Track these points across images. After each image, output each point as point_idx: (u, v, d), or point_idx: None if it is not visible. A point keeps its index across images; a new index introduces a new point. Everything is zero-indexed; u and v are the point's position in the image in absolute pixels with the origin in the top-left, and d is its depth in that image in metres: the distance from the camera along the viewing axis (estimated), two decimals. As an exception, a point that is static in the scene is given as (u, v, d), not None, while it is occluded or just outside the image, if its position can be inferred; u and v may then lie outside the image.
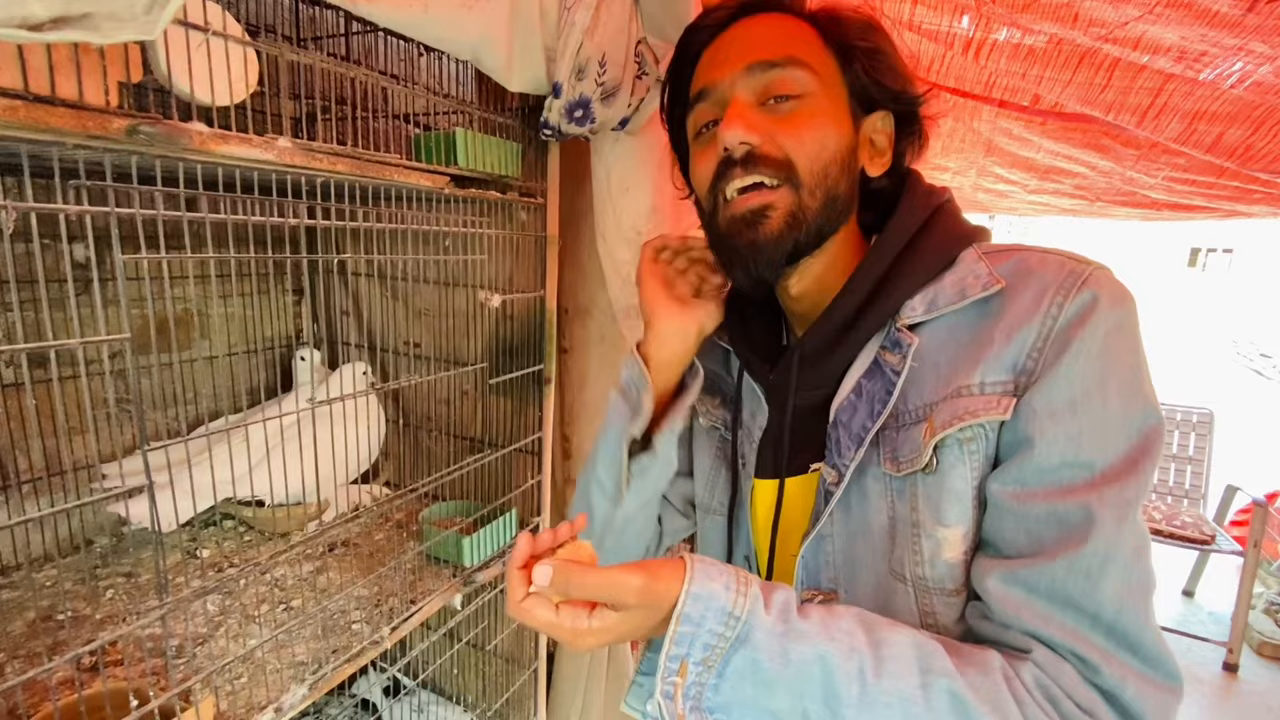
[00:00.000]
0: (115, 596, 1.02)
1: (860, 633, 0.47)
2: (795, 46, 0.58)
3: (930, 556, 0.53)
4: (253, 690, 0.82)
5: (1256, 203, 1.69)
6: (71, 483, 1.12)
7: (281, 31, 1.26)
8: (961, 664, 0.46)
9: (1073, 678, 0.46)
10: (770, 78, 0.57)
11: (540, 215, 1.20)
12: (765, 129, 0.56)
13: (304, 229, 0.78)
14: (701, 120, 0.62)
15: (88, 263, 1.09)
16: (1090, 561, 0.46)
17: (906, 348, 0.55)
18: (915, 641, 0.47)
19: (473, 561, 1.15)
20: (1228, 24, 0.97)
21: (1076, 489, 0.47)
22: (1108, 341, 0.48)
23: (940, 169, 2.23)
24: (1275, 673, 2.55)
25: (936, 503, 0.53)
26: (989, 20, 1.30)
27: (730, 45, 0.60)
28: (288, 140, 0.69)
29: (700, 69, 0.62)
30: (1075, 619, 0.46)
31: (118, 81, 0.57)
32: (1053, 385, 0.49)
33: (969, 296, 0.54)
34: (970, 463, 0.51)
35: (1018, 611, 0.48)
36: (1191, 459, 3.01)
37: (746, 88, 0.58)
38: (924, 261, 0.57)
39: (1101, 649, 0.46)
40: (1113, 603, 0.46)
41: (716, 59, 0.61)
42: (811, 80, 0.57)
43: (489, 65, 0.91)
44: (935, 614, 0.54)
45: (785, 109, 0.57)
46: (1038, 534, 0.48)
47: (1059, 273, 0.51)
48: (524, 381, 1.25)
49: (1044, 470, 0.48)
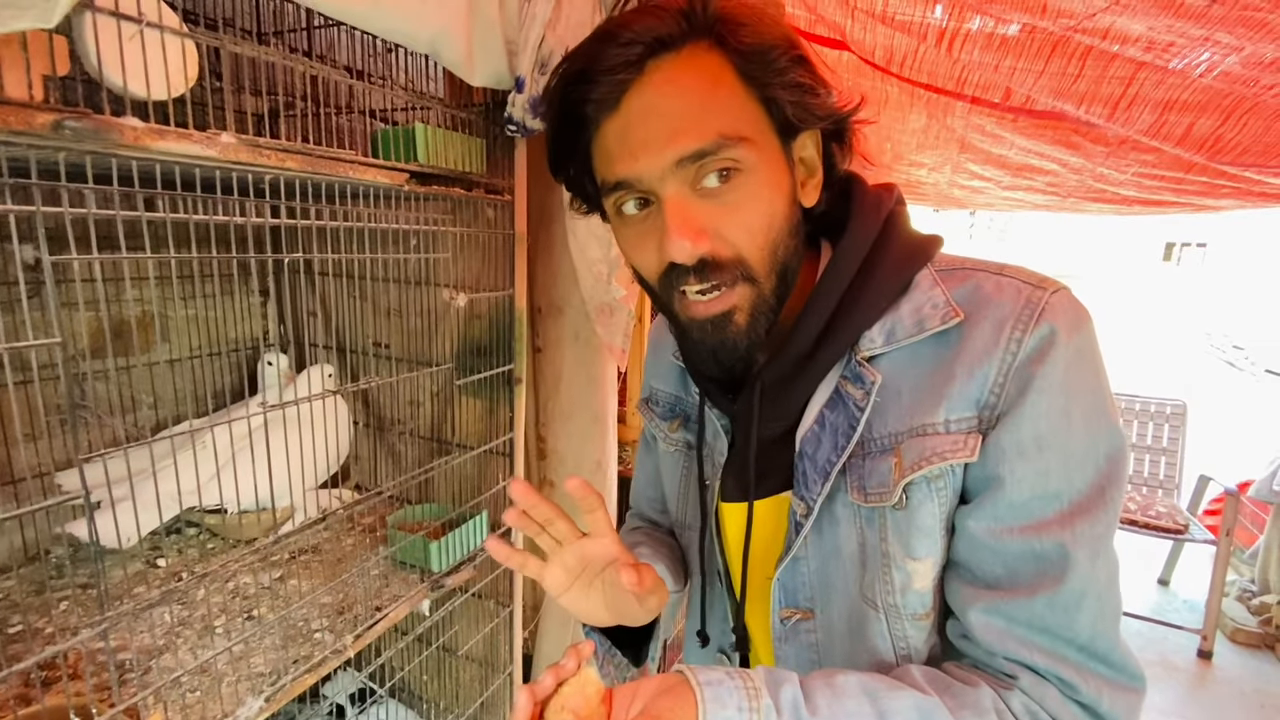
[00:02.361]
0: (69, 609, 0.99)
1: (867, 709, 0.48)
2: (723, 116, 0.50)
3: (901, 587, 0.54)
4: (206, 704, 0.79)
5: (1224, 196, 1.71)
6: (25, 491, 1.08)
7: (241, 25, 1.23)
8: (958, 709, 0.48)
9: (1056, 698, 0.48)
10: (703, 165, 0.50)
11: (508, 212, 1.17)
12: (711, 229, 0.51)
13: (257, 228, 0.75)
14: (623, 202, 0.55)
15: (37, 265, 1.05)
16: (1068, 599, 0.48)
17: (870, 384, 0.54)
18: (917, 704, 0.48)
19: (441, 566, 1.13)
20: (1193, 15, 0.97)
21: (1049, 523, 0.49)
22: (1068, 373, 0.49)
23: (916, 165, 2.24)
24: (1248, 659, 2.60)
25: (906, 537, 0.54)
26: (962, 9, 1.30)
27: (642, 124, 0.50)
28: (231, 136, 0.67)
29: (610, 150, 0.53)
30: (1054, 644, 0.49)
31: (42, 75, 0.54)
32: (1019, 423, 0.49)
33: (927, 329, 0.53)
34: (938, 499, 0.52)
35: (1001, 642, 0.50)
36: (1165, 450, 3.05)
37: (678, 180, 0.50)
38: (880, 289, 0.55)
39: (1078, 667, 0.49)
40: (1088, 630, 0.49)
41: (631, 143, 0.51)
42: (748, 153, 0.50)
43: (448, 59, 0.89)
44: (907, 638, 0.56)
45: (726, 194, 0.51)
46: (1014, 568, 0.50)
47: (1016, 301, 0.51)
48: (494, 381, 1.23)
49: (1016, 506, 0.50)
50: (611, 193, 0.54)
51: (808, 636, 0.61)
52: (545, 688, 0.48)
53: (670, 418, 0.75)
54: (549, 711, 0.47)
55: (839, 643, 0.59)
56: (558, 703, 0.47)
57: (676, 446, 0.74)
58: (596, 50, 0.51)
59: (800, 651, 0.62)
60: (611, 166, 0.53)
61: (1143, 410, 3.13)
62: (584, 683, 0.48)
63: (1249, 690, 2.42)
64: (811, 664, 0.61)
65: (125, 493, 1.00)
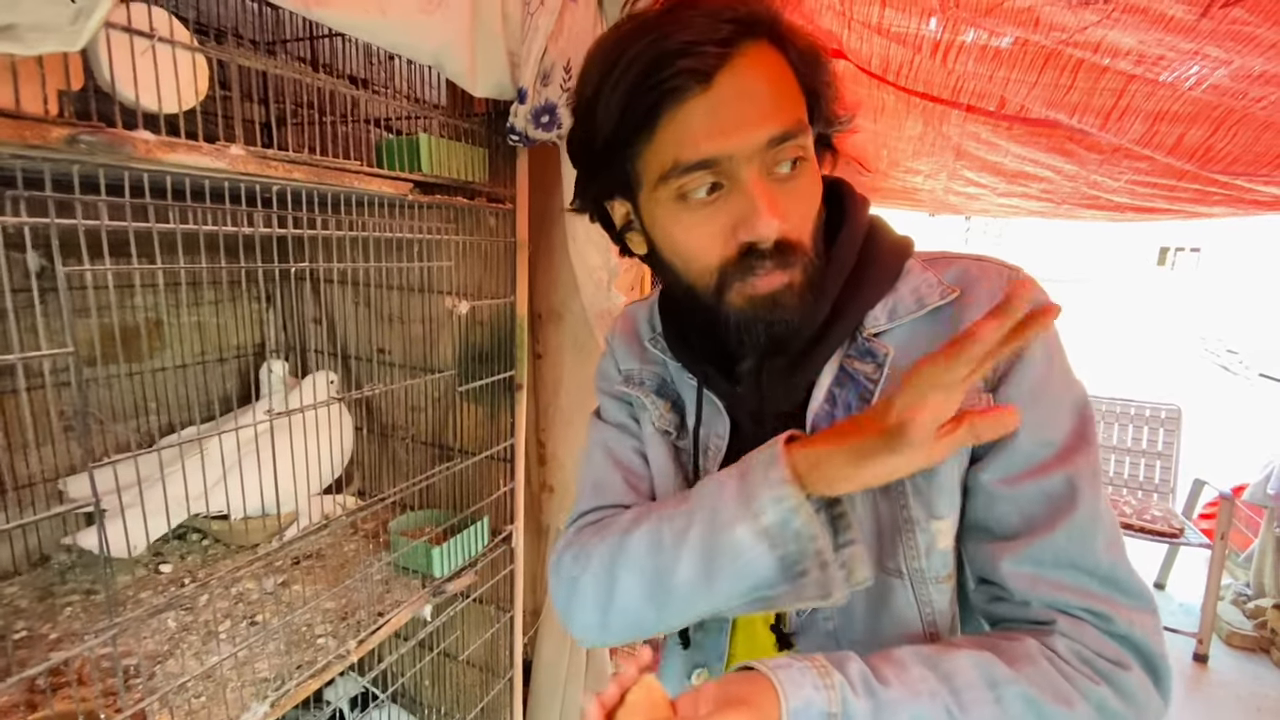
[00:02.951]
0: (74, 614, 1.00)
1: (930, 675, 0.50)
2: (796, 105, 0.54)
3: (926, 549, 0.57)
4: (211, 709, 0.80)
5: (1216, 204, 1.73)
6: (29, 497, 1.09)
7: (247, 35, 1.24)
8: (1012, 660, 0.51)
9: (1094, 635, 0.52)
10: (783, 149, 0.52)
11: (509, 220, 1.19)
12: (789, 213, 0.54)
13: (261, 237, 0.76)
14: (695, 185, 0.54)
15: (43, 272, 1.06)
16: (1084, 526, 0.53)
17: (882, 357, 0.58)
18: (973, 660, 0.51)
19: (443, 572, 1.14)
20: (1182, 29, 0.99)
21: (1050, 464, 0.54)
22: (1046, 336, 0.55)
23: (912, 171, 2.26)
24: (1244, 662, 2.61)
25: (929, 498, 0.57)
26: (955, 22, 1.32)
27: (737, 103, 0.51)
28: (240, 148, 0.68)
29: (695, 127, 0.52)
30: (1079, 579, 0.53)
31: (57, 89, 0.55)
32: (1018, 379, 0.55)
33: (927, 305, 0.58)
34: (955, 458, 0.56)
35: (1034, 587, 0.54)
36: (1160, 454, 3.06)
37: (762, 162, 0.52)
38: (880, 274, 0.60)
39: (1107, 599, 0.53)
40: (1106, 556, 0.53)
41: (723, 120, 0.51)
42: (809, 142, 0.55)
43: (452, 70, 0.90)
44: (932, 602, 0.58)
45: (792, 180, 0.54)
46: (1030, 512, 0.54)
47: (1000, 279, 0.58)
48: (495, 388, 1.24)
49: (1023, 454, 0.55)
50: (683, 175, 0.53)
51: (825, 625, 0.61)
52: (611, 696, 0.49)
53: (661, 397, 0.72)
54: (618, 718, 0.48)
55: (859, 624, 0.60)
56: (626, 711, 0.48)
57: (665, 425, 0.71)
58: (682, 18, 0.51)
59: (817, 641, 0.62)
60: (696, 144, 0.52)
61: (1138, 414, 3.14)
62: (648, 689, 0.48)
63: (1244, 694, 2.43)
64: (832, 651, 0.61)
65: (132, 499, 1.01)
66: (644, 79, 0.51)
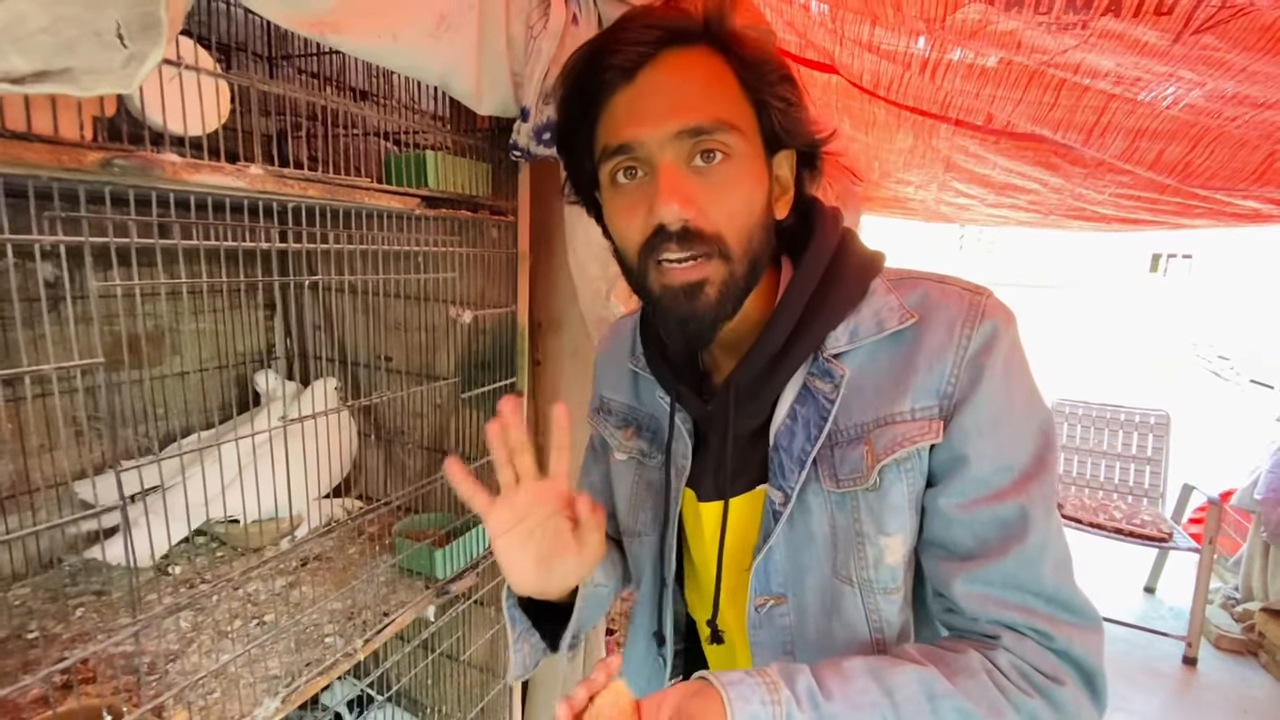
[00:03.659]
0: (85, 614, 1.02)
1: (874, 687, 0.53)
2: (722, 105, 0.56)
3: (875, 561, 0.60)
4: (225, 704, 0.83)
5: (1198, 216, 1.78)
6: (41, 501, 1.12)
7: (255, 50, 1.28)
8: (952, 674, 0.54)
9: (1034, 649, 0.55)
10: (699, 142, 0.55)
11: (511, 232, 1.22)
12: (699, 201, 0.56)
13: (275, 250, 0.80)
14: (619, 169, 0.59)
15: (57, 281, 1.09)
16: (1032, 553, 0.55)
17: (839, 378, 0.61)
18: (917, 675, 0.54)
19: (446, 573, 1.17)
20: (1157, 53, 1.04)
21: (1006, 491, 0.56)
22: (1008, 361, 0.57)
23: (904, 182, 2.31)
24: (1232, 665, 2.64)
25: (879, 515, 0.60)
26: (942, 42, 1.36)
27: (653, 96, 0.56)
28: (259, 167, 0.72)
29: (618, 116, 0.57)
30: (1025, 599, 0.56)
31: (92, 116, 0.59)
32: (976, 406, 0.56)
33: (887, 329, 0.60)
34: (907, 480, 0.59)
35: (983, 606, 0.56)
36: (1150, 459, 3.11)
37: (675, 150, 0.55)
38: (842, 294, 0.62)
39: (1048, 616, 0.55)
40: (1051, 579, 0.56)
41: (637, 111, 0.56)
42: (738, 142, 0.56)
43: (458, 91, 0.94)
44: (880, 610, 0.61)
45: (713, 173, 0.56)
46: (984, 535, 0.57)
47: (960, 304, 0.59)
48: (496, 395, 1.27)
49: (980, 480, 0.57)
50: (610, 158, 0.58)
51: (781, 620, 0.65)
52: (579, 700, 0.52)
53: (624, 426, 0.78)
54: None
55: (813, 623, 0.64)
56: (592, 714, 0.51)
57: (630, 454, 0.77)
58: (620, 27, 0.58)
59: (775, 635, 0.66)
60: (617, 131, 0.57)
61: (1127, 420, 3.19)
62: (616, 694, 0.52)
63: (1233, 696, 2.46)
64: (785, 646, 0.65)
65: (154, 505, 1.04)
66: (582, 77, 0.59)
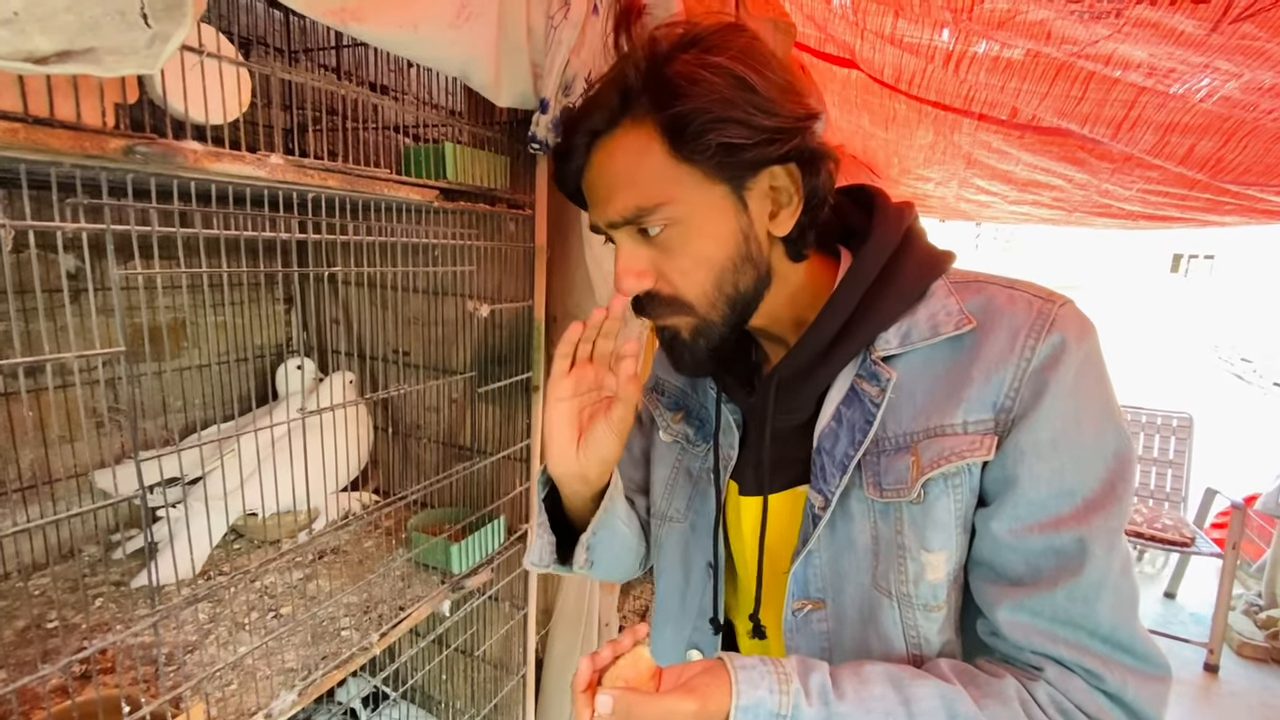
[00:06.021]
0: (104, 605, 1.03)
1: (892, 695, 0.51)
2: (649, 185, 0.56)
3: (915, 577, 0.57)
4: (243, 696, 0.83)
5: (1228, 213, 1.74)
6: (62, 491, 1.13)
7: (274, 44, 1.28)
8: (982, 698, 0.51)
9: (1081, 688, 0.51)
10: (638, 223, 0.58)
11: (528, 226, 1.21)
12: (655, 268, 0.59)
13: (295, 241, 0.79)
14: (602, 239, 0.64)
15: (78, 273, 1.10)
16: (1087, 590, 0.51)
17: (885, 381, 0.58)
18: (940, 691, 0.51)
19: (461, 568, 1.16)
20: (1193, 43, 1.01)
21: (1065, 519, 0.52)
22: (1078, 379, 0.52)
23: (923, 179, 2.28)
24: (1254, 673, 2.60)
25: (922, 530, 0.56)
26: (968, 34, 1.34)
27: (594, 188, 0.60)
28: (279, 157, 0.71)
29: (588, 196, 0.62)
30: (1078, 636, 0.52)
31: (114, 102, 0.58)
32: (1035, 425, 0.52)
33: (941, 334, 0.56)
34: (954, 495, 0.55)
35: (1027, 636, 0.53)
36: (1172, 463, 3.06)
37: (625, 229, 0.59)
38: (899, 294, 0.58)
39: (1103, 657, 0.51)
40: (1108, 619, 0.51)
41: (591, 199, 0.62)
42: (679, 208, 0.56)
43: (478, 82, 0.93)
44: (918, 627, 0.58)
45: (661, 241, 0.58)
46: (1036, 564, 0.53)
47: (1028, 313, 0.54)
48: (512, 389, 1.26)
49: (1034, 504, 0.53)
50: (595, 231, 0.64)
51: (819, 626, 0.63)
52: (604, 659, 0.53)
53: (675, 409, 0.77)
54: (606, 679, 0.52)
55: (850, 631, 0.62)
56: (614, 673, 0.52)
57: (675, 438, 0.76)
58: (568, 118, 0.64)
59: (811, 640, 0.64)
60: (590, 211, 0.63)
61: (1149, 423, 3.14)
62: (637, 659, 0.53)
63: (1255, 704, 2.42)
64: (822, 653, 0.63)
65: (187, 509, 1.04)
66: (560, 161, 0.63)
